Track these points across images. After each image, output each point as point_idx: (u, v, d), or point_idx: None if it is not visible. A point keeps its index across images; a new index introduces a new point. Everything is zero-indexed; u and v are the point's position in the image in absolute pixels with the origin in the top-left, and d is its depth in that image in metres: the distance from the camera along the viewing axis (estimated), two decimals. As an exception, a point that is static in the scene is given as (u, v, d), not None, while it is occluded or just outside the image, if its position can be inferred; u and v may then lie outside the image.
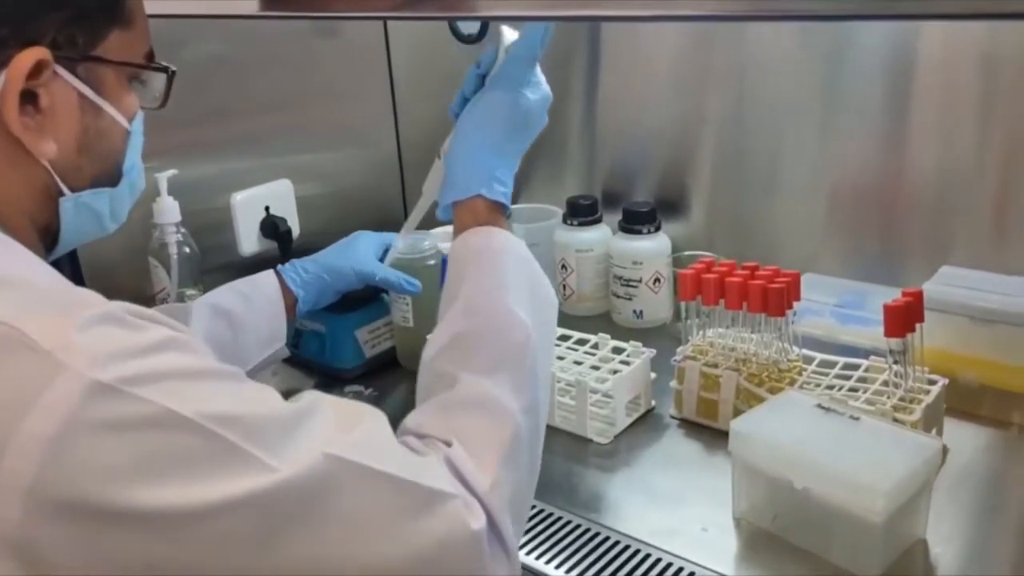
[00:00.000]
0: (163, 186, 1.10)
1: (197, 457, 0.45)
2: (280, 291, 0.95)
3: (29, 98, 0.53)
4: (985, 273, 0.96)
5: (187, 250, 1.12)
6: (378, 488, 0.50)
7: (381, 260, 1.04)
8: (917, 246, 1.07)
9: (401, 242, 0.99)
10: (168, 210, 1.10)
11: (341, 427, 0.51)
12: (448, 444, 0.56)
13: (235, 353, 0.88)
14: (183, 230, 1.12)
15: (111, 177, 0.61)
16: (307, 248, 1.35)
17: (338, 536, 0.48)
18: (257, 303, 0.92)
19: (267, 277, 0.96)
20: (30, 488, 0.41)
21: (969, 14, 0.51)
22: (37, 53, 0.52)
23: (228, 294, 0.92)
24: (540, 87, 0.74)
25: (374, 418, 0.55)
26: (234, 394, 0.49)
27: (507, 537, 0.55)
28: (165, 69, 0.63)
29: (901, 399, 0.83)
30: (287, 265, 0.99)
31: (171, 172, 1.11)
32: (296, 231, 1.30)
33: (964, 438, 0.89)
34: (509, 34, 0.74)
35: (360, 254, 1.01)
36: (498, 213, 0.70)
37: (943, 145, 1.02)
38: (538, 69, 0.74)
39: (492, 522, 0.54)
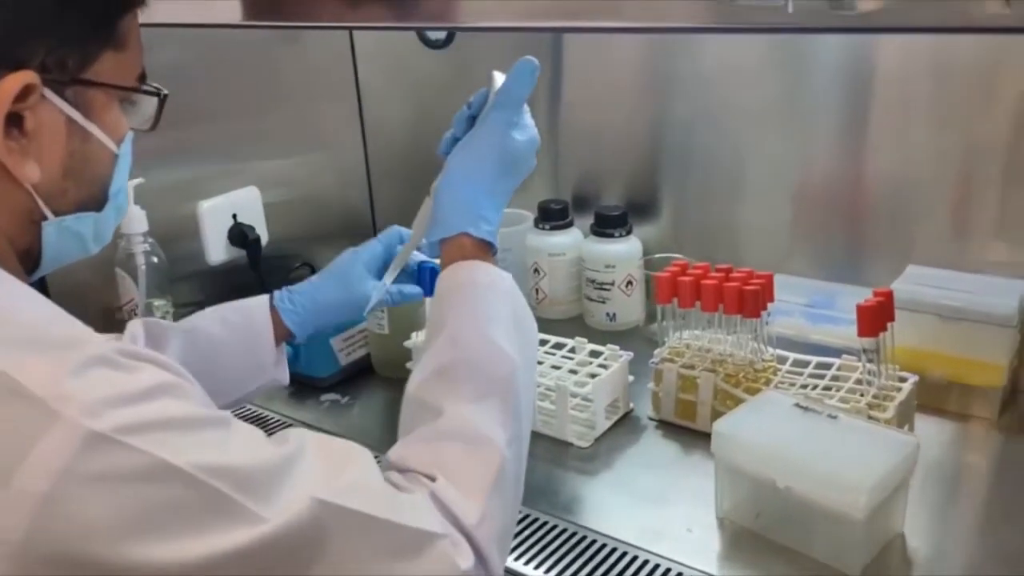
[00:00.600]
0: (130, 195, 1.08)
1: (189, 509, 0.44)
2: (270, 322, 0.85)
3: (14, 121, 0.51)
4: (949, 271, 0.98)
5: (155, 260, 1.11)
6: (367, 532, 0.50)
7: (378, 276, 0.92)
8: (881, 246, 1.09)
9: (390, 278, 0.94)
10: (135, 220, 1.08)
11: (329, 470, 0.51)
12: (432, 479, 0.55)
13: (215, 384, 0.82)
14: (150, 240, 1.10)
15: (97, 201, 0.59)
16: (276, 255, 1.35)
17: None
18: (242, 332, 0.84)
19: (259, 307, 0.86)
20: (21, 543, 0.41)
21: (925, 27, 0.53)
22: (25, 77, 0.50)
23: (212, 320, 0.84)
24: (528, 129, 0.74)
25: (361, 458, 0.54)
26: (225, 442, 0.48)
27: (493, 571, 0.55)
28: (157, 92, 0.61)
29: (875, 396, 0.85)
30: (283, 294, 0.87)
31: (137, 181, 1.09)
32: (264, 238, 1.29)
33: (933, 433, 0.91)
34: (499, 77, 0.74)
35: (355, 287, 0.87)
36: (485, 250, 0.71)
37: (902, 148, 1.05)
38: (527, 112, 0.74)
39: (480, 557, 0.54)
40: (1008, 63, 0.94)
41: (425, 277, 0.87)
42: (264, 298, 0.86)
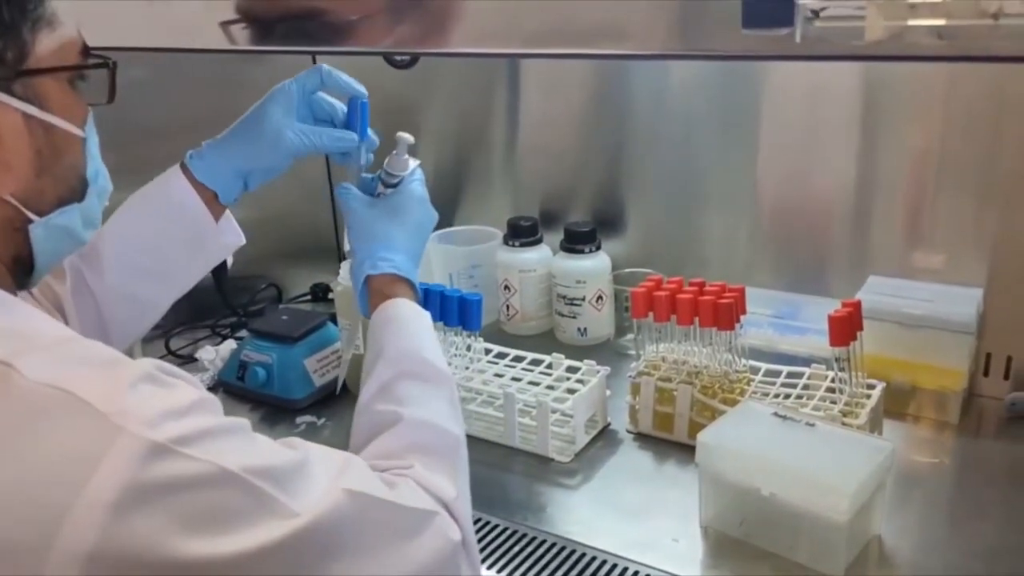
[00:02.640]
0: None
1: (240, 508, 0.47)
2: (189, 188, 0.80)
3: None
4: (908, 281, 1.03)
5: (121, 283, 1.08)
6: (382, 516, 0.54)
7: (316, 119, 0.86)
8: (841, 257, 1.13)
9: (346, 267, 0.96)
10: (100, 242, 1.06)
11: (337, 467, 0.54)
12: (410, 467, 0.60)
13: (167, 272, 0.82)
14: (116, 263, 1.08)
15: (76, 191, 0.59)
16: (241, 276, 1.34)
17: (362, 564, 0.51)
18: (164, 209, 0.80)
19: (173, 176, 0.81)
20: (90, 552, 0.42)
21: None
22: None
23: (132, 211, 0.80)
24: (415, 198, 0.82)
25: (354, 458, 0.57)
26: (256, 446, 0.51)
27: (472, 542, 0.60)
28: (106, 62, 0.60)
29: (846, 404, 0.88)
30: (193, 151, 0.83)
31: (102, 203, 1.07)
32: (230, 260, 1.27)
33: (899, 436, 0.95)
34: (406, 138, 0.82)
35: (265, 122, 0.81)
36: (398, 284, 0.76)
37: (857, 161, 1.09)
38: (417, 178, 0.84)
39: (460, 527, 0.59)
40: (960, 73, 0.99)
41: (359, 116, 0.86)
42: (175, 167, 0.82)
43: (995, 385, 1.01)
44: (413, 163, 0.84)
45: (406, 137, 0.82)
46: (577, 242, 1.19)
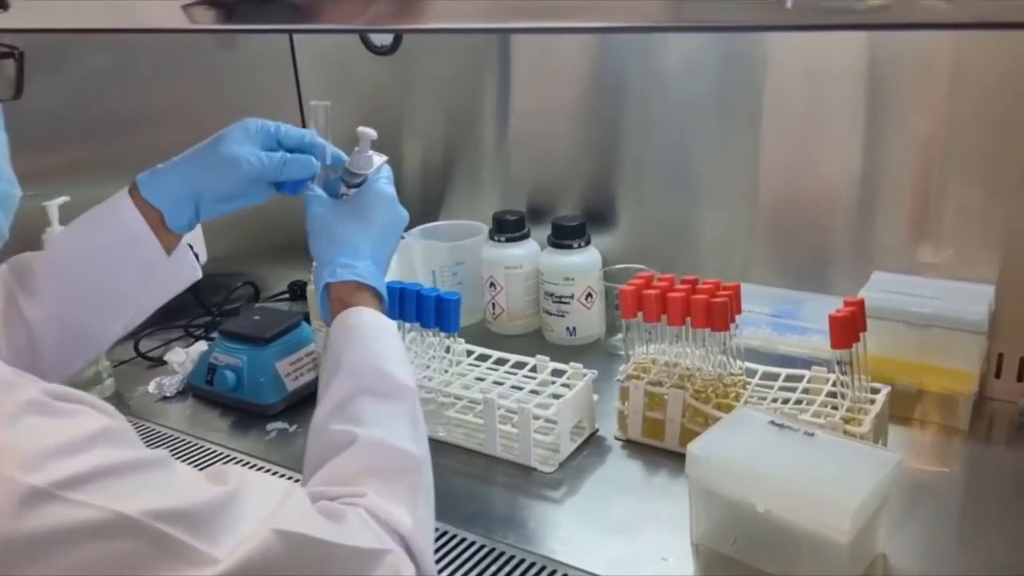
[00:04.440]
0: (53, 215, 1.01)
1: (143, 559, 0.42)
2: (138, 212, 0.73)
3: None
4: (916, 277, 0.97)
5: (83, 283, 1.03)
6: (320, 558, 0.49)
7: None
8: (845, 252, 1.07)
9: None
10: (60, 240, 1.00)
11: (272, 502, 0.50)
12: (363, 496, 0.55)
13: (109, 301, 0.74)
14: (77, 261, 1.02)
15: None
16: (216, 274, 1.28)
17: None
18: (112, 234, 0.73)
19: (122, 200, 0.74)
20: None
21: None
22: None
23: (77, 234, 0.74)
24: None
25: (296, 491, 0.53)
26: (169, 484, 0.45)
27: (430, 573, 0.56)
28: (11, 52, 0.55)
29: (849, 410, 0.82)
30: (144, 173, 0.76)
31: (62, 199, 1.02)
32: (203, 257, 1.21)
33: (904, 443, 0.89)
34: (365, 133, 0.76)
35: (225, 145, 0.76)
36: (360, 291, 0.71)
37: (864, 150, 1.03)
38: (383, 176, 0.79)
39: (417, 561, 0.55)
40: (969, 58, 0.93)
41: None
42: (124, 190, 0.75)
43: (1007, 387, 0.95)
44: (379, 160, 0.77)
45: (368, 132, 0.76)
46: (565, 237, 1.13)
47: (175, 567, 0.42)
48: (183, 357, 1.10)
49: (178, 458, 0.68)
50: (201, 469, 0.55)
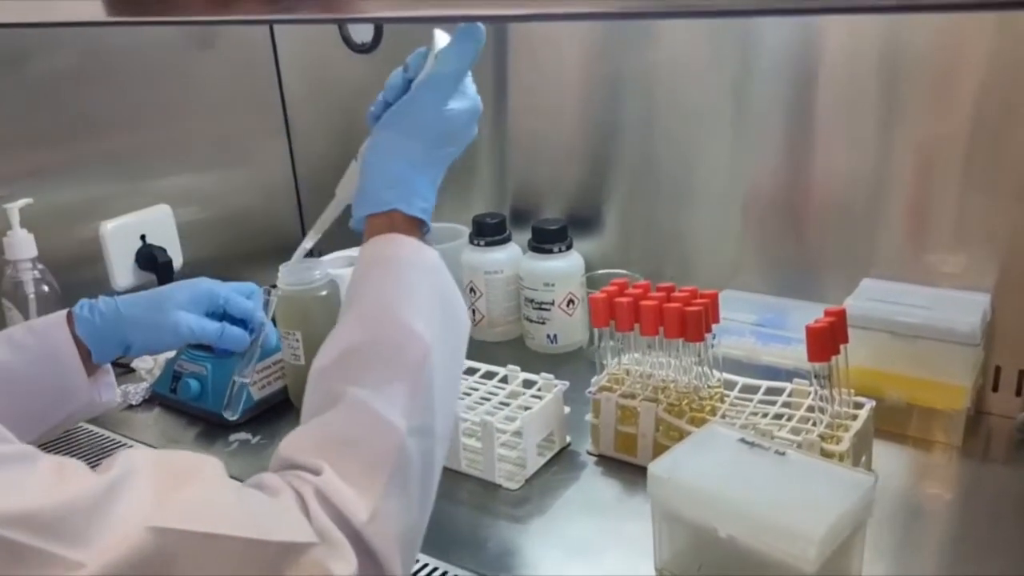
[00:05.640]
0: (14, 218, 0.98)
1: None
2: (70, 338, 0.76)
3: None
4: (907, 285, 0.92)
5: (46, 289, 1.01)
6: (219, 554, 0.44)
7: (214, 316, 0.88)
8: (836, 257, 1.02)
9: (310, 242, 0.85)
10: (21, 244, 0.99)
11: (164, 492, 0.45)
12: (319, 472, 0.50)
13: (17, 417, 0.70)
14: (40, 266, 1.01)
15: None
16: (191, 277, 1.25)
17: None
18: (35, 353, 0.75)
19: (56, 323, 0.77)
20: None
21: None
22: None
23: (3, 347, 0.74)
24: (468, 96, 0.68)
25: (206, 471, 0.48)
26: (20, 484, 0.42)
27: (392, 571, 0.50)
28: None
29: (828, 426, 0.78)
30: (84, 303, 0.80)
31: (24, 202, 0.99)
32: (179, 261, 1.19)
33: (893, 462, 0.84)
34: (441, 38, 0.68)
35: (165, 307, 0.82)
36: (416, 228, 0.65)
37: (856, 151, 0.98)
38: (469, 78, 0.68)
39: (374, 556, 0.49)
40: (964, 53, 0.87)
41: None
42: (62, 313, 0.78)
43: (1005, 402, 0.90)
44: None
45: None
46: (545, 241, 1.09)
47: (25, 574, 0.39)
48: (151, 364, 1.08)
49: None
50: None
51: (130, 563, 0.41)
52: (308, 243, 0.81)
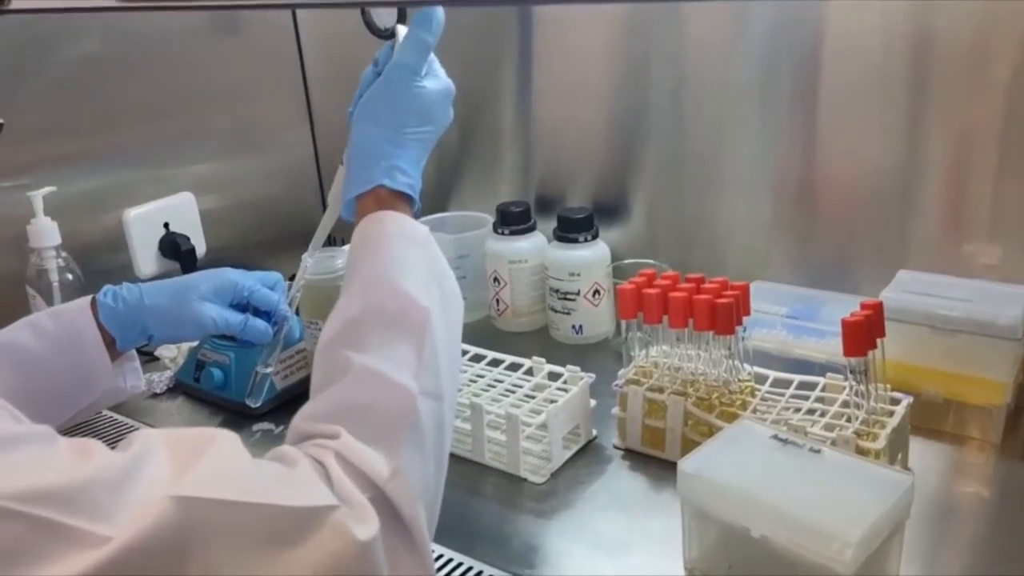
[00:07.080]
0: (38, 205, 0.98)
1: (14, 547, 0.38)
2: (93, 324, 0.77)
3: None
4: (945, 277, 0.89)
5: (70, 276, 1.00)
6: (236, 521, 0.44)
7: (237, 307, 0.88)
8: (868, 248, 1.00)
9: (310, 260, 0.88)
10: (45, 232, 0.98)
11: (181, 464, 0.45)
12: (336, 437, 0.50)
13: (42, 403, 0.72)
14: (64, 254, 1.00)
15: None
16: (216, 266, 1.24)
17: None
18: (61, 340, 0.75)
19: (80, 310, 0.78)
20: None
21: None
22: None
23: (25, 331, 0.75)
24: (439, 78, 0.71)
25: (220, 443, 0.48)
26: (44, 462, 0.42)
27: (417, 529, 0.50)
28: None
29: (863, 423, 0.75)
30: (108, 290, 0.80)
31: (47, 189, 0.99)
32: (202, 249, 1.19)
33: (930, 459, 0.82)
34: (403, 30, 0.71)
35: (188, 298, 0.82)
36: (402, 202, 0.67)
37: (887, 137, 0.95)
38: (435, 61, 0.71)
39: (398, 514, 0.49)
40: (999, 36, 0.84)
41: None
42: (86, 299, 0.79)
43: (1047, 399, 0.87)
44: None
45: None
46: (571, 230, 1.07)
47: (55, 550, 0.38)
48: (174, 352, 1.07)
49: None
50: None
51: (155, 535, 0.41)
52: (309, 259, 0.82)
